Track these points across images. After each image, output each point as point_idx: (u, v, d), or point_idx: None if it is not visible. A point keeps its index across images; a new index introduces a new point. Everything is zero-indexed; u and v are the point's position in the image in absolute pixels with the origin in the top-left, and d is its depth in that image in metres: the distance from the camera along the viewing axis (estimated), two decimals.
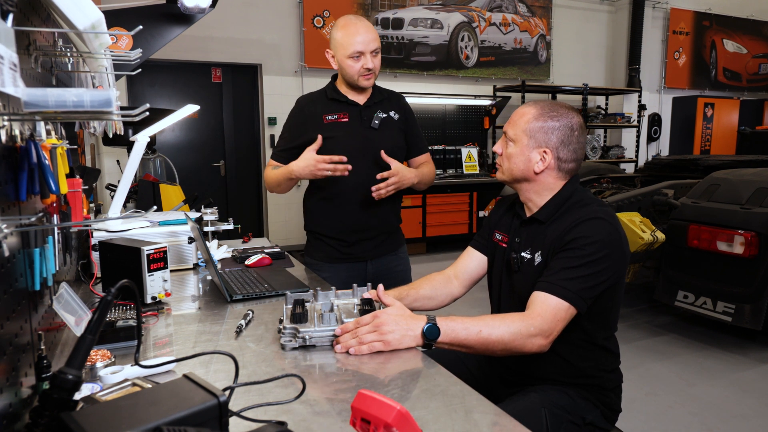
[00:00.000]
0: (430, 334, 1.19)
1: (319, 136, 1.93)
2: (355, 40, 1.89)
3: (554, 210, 1.40)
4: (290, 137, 2.03)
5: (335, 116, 1.99)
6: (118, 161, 4.62)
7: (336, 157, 1.85)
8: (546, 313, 1.24)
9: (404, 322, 1.20)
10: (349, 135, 1.99)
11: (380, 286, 1.36)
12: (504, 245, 1.52)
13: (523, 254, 1.44)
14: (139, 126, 2.80)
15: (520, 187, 1.46)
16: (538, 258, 1.39)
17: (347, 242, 2.04)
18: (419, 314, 1.25)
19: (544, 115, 1.39)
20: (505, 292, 1.51)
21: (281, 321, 1.28)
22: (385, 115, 2.05)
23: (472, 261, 1.63)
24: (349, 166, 1.86)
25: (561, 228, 1.35)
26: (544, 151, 1.38)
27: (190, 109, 2.29)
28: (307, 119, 2.00)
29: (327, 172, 1.85)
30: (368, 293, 1.39)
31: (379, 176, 1.91)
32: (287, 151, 2.03)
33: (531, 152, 1.39)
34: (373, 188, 1.89)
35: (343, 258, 2.06)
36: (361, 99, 2.03)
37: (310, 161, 1.87)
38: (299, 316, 1.25)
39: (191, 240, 2.01)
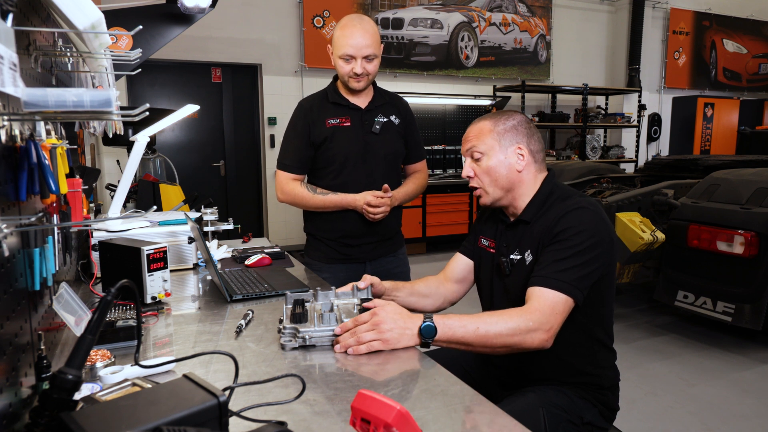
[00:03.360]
0: (427, 332, 1.19)
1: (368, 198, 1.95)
2: (348, 42, 1.87)
3: (538, 208, 1.42)
4: (302, 145, 2.00)
5: (337, 120, 1.99)
6: (118, 161, 4.62)
7: (374, 200, 1.94)
8: (543, 307, 1.23)
9: (402, 321, 1.20)
10: (349, 140, 1.98)
11: (369, 279, 1.43)
12: (492, 251, 1.53)
13: (512, 257, 1.44)
14: (139, 126, 2.80)
15: (508, 199, 1.45)
16: (528, 257, 1.40)
17: (347, 244, 2.05)
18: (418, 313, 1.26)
19: (500, 120, 1.43)
20: (498, 296, 1.51)
21: (281, 321, 1.28)
22: (385, 120, 2.04)
23: (458, 264, 1.65)
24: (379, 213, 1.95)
25: (547, 222, 1.36)
26: (519, 147, 1.41)
27: (190, 109, 2.29)
28: (311, 123, 1.99)
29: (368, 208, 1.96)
30: (364, 280, 1.43)
31: (375, 201, 1.95)
32: (304, 161, 2.01)
33: (507, 155, 1.41)
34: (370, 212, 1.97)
35: (342, 259, 2.06)
36: (362, 102, 2.02)
37: (361, 203, 1.95)
38: (299, 316, 1.25)
39: (191, 240, 2.01)
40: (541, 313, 1.22)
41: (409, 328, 1.20)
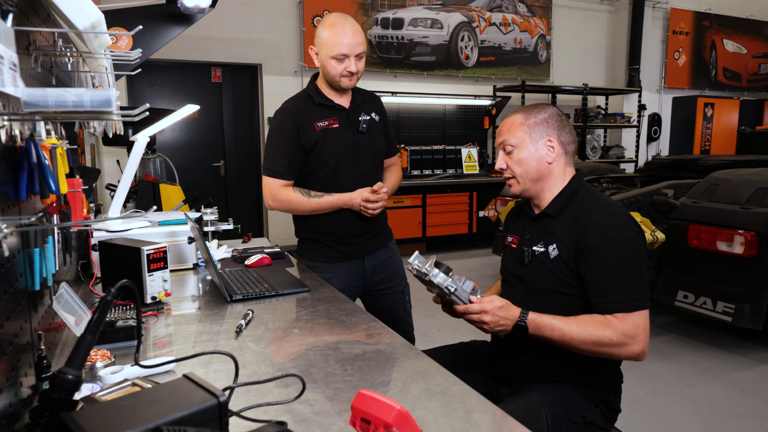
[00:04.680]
0: (518, 331, 1.35)
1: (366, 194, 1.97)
2: (341, 41, 1.85)
3: (563, 204, 1.45)
4: (291, 150, 1.97)
5: (326, 122, 1.97)
6: (118, 161, 4.62)
7: (372, 197, 1.95)
8: (627, 326, 1.30)
9: (499, 318, 1.34)
10: (340, 141, 1.98)
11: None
12: (514, 246, 1.56)
13: (534, 248, 1.47)
14: (139, 126, 2.80)
15: (536, 189, 1.48)
16: (553, 252, 1.42)
17: (347, 243, 2.05)
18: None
19: (531, 113, 1.47)
20: (517, 286, 1.53)
21: (414, 265, 1.38)
22: (368, 118, 2.05)
23: None
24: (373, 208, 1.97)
25: (578, 223, 1.39)
26: (549, 140, 1.45)
27: (190, 109, 2.29)
28: (299, 127, 1.96)
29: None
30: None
31: (374, 197, 1.96)
32: (294, 166, 1.98)
33: (537, 147, 1.45)
34: (367, 208, 1.98)
35: (342, 257, 2.06)
36: (344, 101, 2.02)
37: (357, 200, 1.96)
38: (447, 269, 1.37)
39: (191, 240, 2.01)
40: (624, 329, 1.30)
41: (504, 325, 1.35)
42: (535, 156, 1.44)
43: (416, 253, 1.43)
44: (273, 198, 2.00)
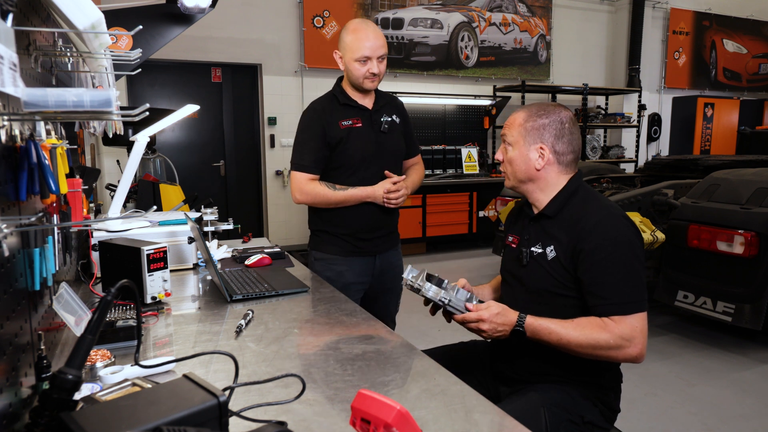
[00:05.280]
0: (516, 335, 1.36)
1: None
2: (363, 45, 1.96)
3: (561, 205, 1.44)
4: (317, 146, 2.04)
5: (350, 122, 2.06)
6: (118, 161, 4.62)
7: (393, 187, 2.05)
8: (624, 329, 1.30)
9: (497, 324, 1.36)
10: (364, 140, 2.06)
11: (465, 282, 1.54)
12: (514, 245, 1.56)
13: (532, 249, 1.47)
14: (139, 126, 2.80)
15: (526, 189, 1.49)
16: (551, 253, 1.42)
17: (361, 238, 2.10)
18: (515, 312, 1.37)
19: (534, 116, 1.45)
20: (516, 287, 1.54)
21: (407, 280, 1.39)
22: (390, 119, 2.13)
23: None
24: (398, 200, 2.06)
25: (575, 224, 1.38)
26: (541, 148, 1.43)
27: (190, 109, 2.29)
28: (325, 125, 2.04)
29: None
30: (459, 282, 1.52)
31: (394, 187, 2.05)
32: (320, 161, 2.06)
33: (529, 151, 1.44)
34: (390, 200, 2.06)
35: (357, 252, 2.11)
36: (368, 103, 2.10)
37: (380, 192, 2.05)
38: (438, 281, 1.38)
39: (191, 240, 2.01)
40: (621, 332, 1.30)
41: (503, 331, 1.36)
42: (524, 159, 1.45)
43: (409, 267, 1.44)
44: (300, 191, 2.06)
